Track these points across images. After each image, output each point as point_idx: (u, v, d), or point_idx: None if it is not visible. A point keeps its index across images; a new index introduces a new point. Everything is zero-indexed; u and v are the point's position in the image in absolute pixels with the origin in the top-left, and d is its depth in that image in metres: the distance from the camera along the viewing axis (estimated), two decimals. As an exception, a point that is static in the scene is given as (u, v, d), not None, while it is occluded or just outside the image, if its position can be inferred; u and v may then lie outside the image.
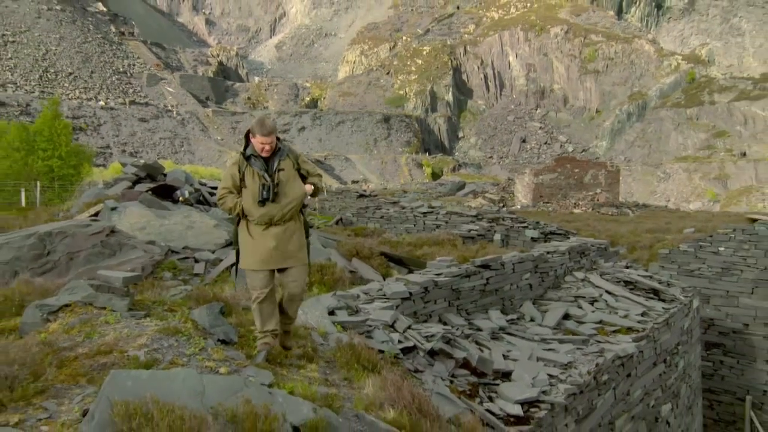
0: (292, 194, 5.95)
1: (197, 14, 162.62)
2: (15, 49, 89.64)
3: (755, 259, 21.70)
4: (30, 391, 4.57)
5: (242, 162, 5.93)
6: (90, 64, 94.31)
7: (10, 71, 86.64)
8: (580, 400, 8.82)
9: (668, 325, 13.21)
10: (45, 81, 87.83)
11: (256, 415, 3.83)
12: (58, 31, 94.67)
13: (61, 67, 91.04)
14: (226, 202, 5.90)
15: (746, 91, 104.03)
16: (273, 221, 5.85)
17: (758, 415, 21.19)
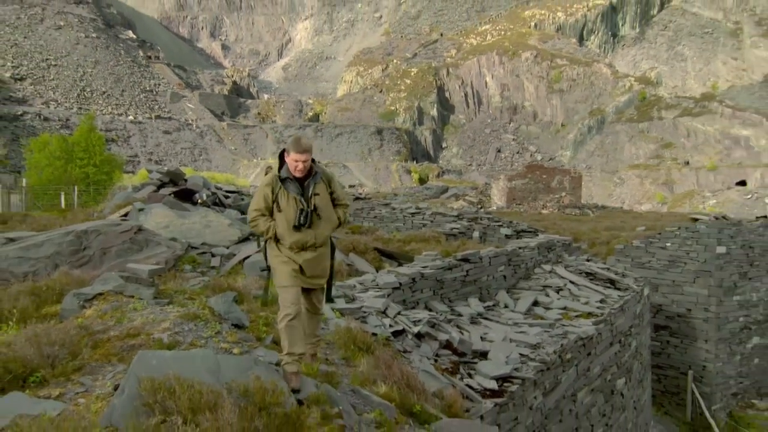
0: (327, 220, 5.19)
1: (214, 40, 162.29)
2: (57, 71, 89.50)
3: (696, 253, 21.79)
4: (69, 368, 4.61)
5: (276, 183, 5.10)
6: (121, 83, 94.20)
7: (52, 90, 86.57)
8: (547, 375, 8.81)
9: (623, 311, 13.23)
10: (82, 99, 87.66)
11: (265, 390, 3.82)
12: (93, 56, 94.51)
13: (96, 87, 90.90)
14: (259, 225, 5.12)
15: (689, 108, 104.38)
16: (306, 247, 5.07)
17: (698, 386, 21.32)
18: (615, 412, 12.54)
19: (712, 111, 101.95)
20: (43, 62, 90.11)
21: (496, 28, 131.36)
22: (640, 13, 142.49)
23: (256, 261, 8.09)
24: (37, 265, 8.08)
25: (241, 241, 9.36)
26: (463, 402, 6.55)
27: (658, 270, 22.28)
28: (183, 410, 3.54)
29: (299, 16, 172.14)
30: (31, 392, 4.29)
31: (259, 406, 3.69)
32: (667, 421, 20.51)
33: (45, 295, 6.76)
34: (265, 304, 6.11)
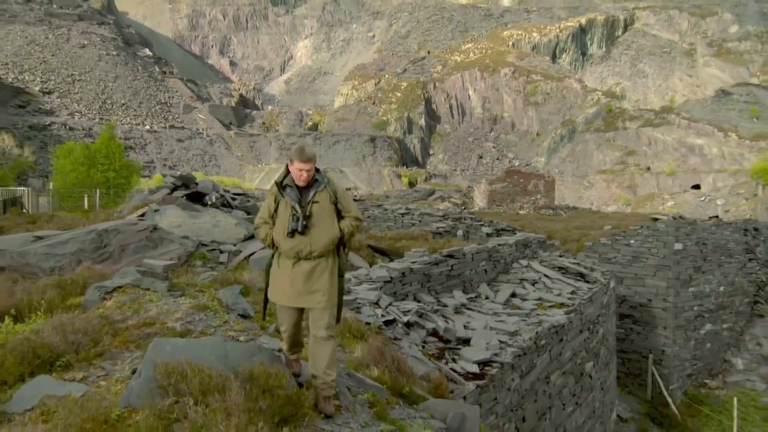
0: (324, 229, 4.59)
1: (223, 57, 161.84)
2: (81, 85, 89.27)
3: (657, 249, 21.92)
4: (91, 354, 4.63)
5: (278, 192, 4.67)
6: (138, 96, 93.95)
7: (76, 103, 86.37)
8: (524, 360, 8.83)
9: (591, 301, 13.27)
10: (103, 110, 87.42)
11: (268, 374, 3.82)
12: (114, 71, 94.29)
13: (116, 99, 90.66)
14: (260, 232, 4.76)
15: (649, 119, 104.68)
16: (301, 256, 4.52)
17: (657, 369, 21.48)
18: (584, 392, 12.59)
19: (670, 122, 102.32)
20: (69, 77, 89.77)
21: (477, 47, 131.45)
22: (606, 35, 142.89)
23: (260, 257, 8.09)
24: (63, 261, 8.06)
25: (247, 239, 9.34)
26: (448, 384, 6.55)
27: (622, 264, 22.41)
28: (194, 392, 3.54)
29: (300, 35, 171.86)
30: (57, 375, 4.30)
31: (263, 388, 3.69)
32: (630, 400, 20.61)
33: (70, 288, 6.75)
34: (263, 319, 5.49)
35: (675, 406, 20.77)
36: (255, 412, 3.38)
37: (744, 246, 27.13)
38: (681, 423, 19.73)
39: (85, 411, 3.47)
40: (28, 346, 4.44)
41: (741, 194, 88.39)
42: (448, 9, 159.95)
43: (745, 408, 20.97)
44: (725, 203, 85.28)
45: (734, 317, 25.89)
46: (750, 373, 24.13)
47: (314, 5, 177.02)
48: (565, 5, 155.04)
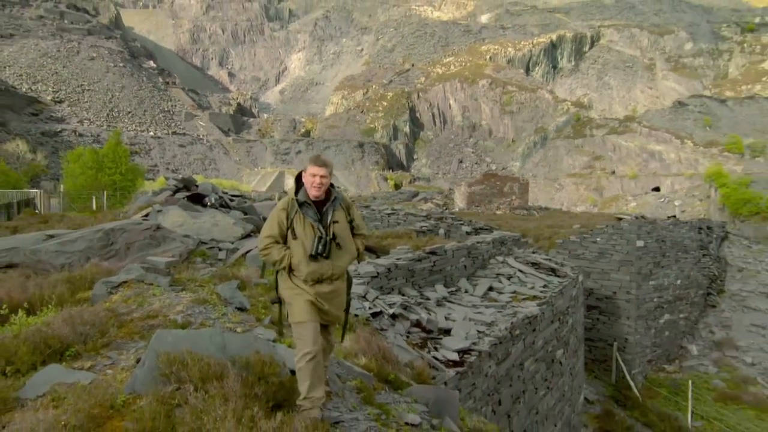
0: (346, 251, 4.05)
1: (222, 68, 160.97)
2: (90, 95, 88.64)
3: (621, 246, 22.08)
4: (98, 344, 4.62)
5: (292, 207, 3.95)
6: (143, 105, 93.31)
7: (86, 111, 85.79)
8: (500, 348, 8.84)
9: (562, 294, 13.32)
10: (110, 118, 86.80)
11: (263, 363, 3.80)
12: (120, 82, 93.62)
13: (122, 108, 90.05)
14: (272, 254, 3.93)
15: (614, 127, 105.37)
16: (322, 279, 3.93)
17: (621, 355, 21.65)
18: (555, 377, 12.63)
19: (633, 130, 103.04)
20: (79, 87, 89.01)
21: (458, 60, 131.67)
22: (575, 50, 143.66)
23: (256, 254, 8.05)
24: (72, 258, 7.99)
25: (244, 237, 9.30)
26: (430, 371, 6.56)
27: (590, 260, 22.54)
28: (194, 379, 3.52)
29: (293, 48, 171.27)
30: (67, 364, 4.28)
31: (258, 375, 3.67)
32: (597, 384, 20.73)
33: (79, 283, 6.70)
34: (281, 334, 4.86)
35: (636, 389, 20.93)
36: (251, 398, 3.37)
37: (698, 243, 27.42)
38: (642, 404, 19.87)
39: (92, 397, 3.46)
40: (39, 337, 4.43)
41: (696, 196, 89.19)
42: (430, 25, 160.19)
43: (699, 390, 21.18)
44: (682, 204, 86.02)
45: (690, 308, 26.16)
46: (703, 358, 24.39)
47: (307, 21, 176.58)
48: (537, 23, 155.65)
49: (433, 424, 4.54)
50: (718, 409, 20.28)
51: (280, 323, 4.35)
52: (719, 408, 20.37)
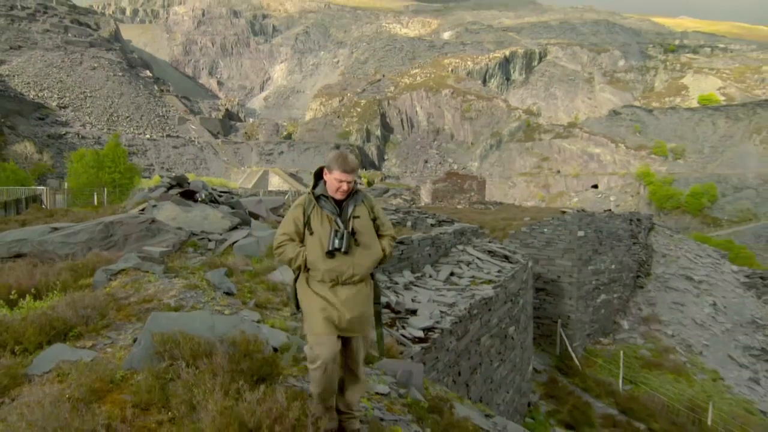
0: (368, 249, 3.28)
1: (212, 77, 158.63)
2: (91, 101, 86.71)
3: (564, 236, 22.37)
4: (99, 325, 4.56)
5: (309, 203, 3.28)
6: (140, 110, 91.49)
7: (88, 116, 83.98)
8: (460, 326, 8.90)
9: (514, 278, 13.46)
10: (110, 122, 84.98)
11: (248, 341, 3.77)
12: (120, 89, 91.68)
13: (121, 113, 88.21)
14: (286, 252, 3.26)
15: (559, 132, 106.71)
16: (341, 280, 3.20)
17: (564, 331, 21.97)
18: (507, 351, 12.78)
19: (575, 135, 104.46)
20: (81, 94, 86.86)
21: (423, 72, 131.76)
22: (525, 64, 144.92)
23: (243, 244, 7.95)
24: (75, 248, 7.82)
25: (231, 229, 9.18)
26: (398, 347, 6.57)
27: (538, 248, 22.78)
28: (186, 356, 3.49)
29: (277, 60, 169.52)
30: (70, 344, 4.22)
31: (244, 353, 3.64)
32: (543, 356, 21.03)
33: (81, 271, 6.57)
34: (297, 360, 4.11)
35: (577, 359, 21.29)
36: (237, 373, 3.34)
37: (630, 233, 27.93)
38: (581, 372, 20.23)
39: (94, 373, 3.42)
40: (45, 319, 4.36)
41: (628, 192, 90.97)
42: (399, 40, 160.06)
43: (629, 358, 21.68)
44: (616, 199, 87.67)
45: (622, 289, 26.65)
46: (633, 331, 24.90)
47: (288, 35, 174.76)
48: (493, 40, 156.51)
49: (400, 393, 4.56)
50: (644, 374, 20.80)
51: (304, 335, 3.54)
52: (645, 374, 20.89)
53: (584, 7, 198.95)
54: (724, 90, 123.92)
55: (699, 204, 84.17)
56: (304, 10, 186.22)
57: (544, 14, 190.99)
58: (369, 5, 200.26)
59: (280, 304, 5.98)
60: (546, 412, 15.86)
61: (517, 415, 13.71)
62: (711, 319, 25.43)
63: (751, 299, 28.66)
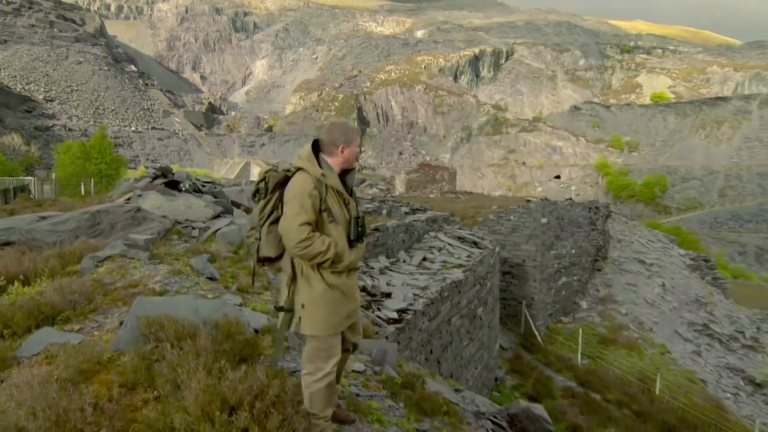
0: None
1: (195, 72, 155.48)
2: (78, 94, 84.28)
3: (529, 223, 22.61)
4: (86, 310, 4.47)
5: (321, 185, 2.67)
6: (126, 103, 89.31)
7: (74, 108, 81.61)
8: (432, 307, 8.96)
9: (482, 262, 13.58)
10: (97, 115, 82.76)
11: (231, 323, 3.75)
12: (105, 83, 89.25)
13: (107, 106, 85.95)
14: (315, 245, 2.59)
15: (525, 127, 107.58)
16: (353, 267, 2.79)
17: (529, 311, 22.27)
18: (476, 330, 12.93)
19: (539, 129, 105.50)
20: (68, 88, 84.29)
21: (398, 68, 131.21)
22: (493, 62, 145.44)
23: (226, 232, 7.83)
24: (63, 236, 7.64)
25: (214, 218, 9.04)
26: (373, 328, 6.60)
27: (505, 234, 22.99)
28: (170, 338, 3.45)
29: (258, 56, 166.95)
30: (58, 327, 4.13)
31: (226, 334, 3.61)
32: (509, 334, 21.31)
33: (68, 258, 6.42)
34: (274, 367, 3.20)
35: (540, 337, 21.65)
36: (220, 353, 3.32)
37: (589, 220, 28.39)
38: (544, 349, 20.59)
39: (81, 354, 3.36)
40: (33, 304, 4.27)
41: (587, 182, 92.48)
42: (374, 38, 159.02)
43: (587, 335, 22.13)
44: (577, 189, 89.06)
45: (581, 271, 27.12)
46: (591, 311, 25.39)
47: (269, 32, 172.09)
48: (463, 39, 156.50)
49: (375, 371, 4.59)
50: (600, 350, 21.27)
51: (281, 342, 2.93)
52: (601, 349, 21.37)
53: (548, 9, 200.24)
54: (674, 88, 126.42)
55: (651, 193, 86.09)
56: (284, 8, 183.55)
57: (510, 15, 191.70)
58: (346, 4, 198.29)
59: (261, 288, 5.95)
60: (511, 385, 16.12)
61: (484, 389, 13.91)
62: (660, 299, 26.08)
63: (695, 280, 29.49)
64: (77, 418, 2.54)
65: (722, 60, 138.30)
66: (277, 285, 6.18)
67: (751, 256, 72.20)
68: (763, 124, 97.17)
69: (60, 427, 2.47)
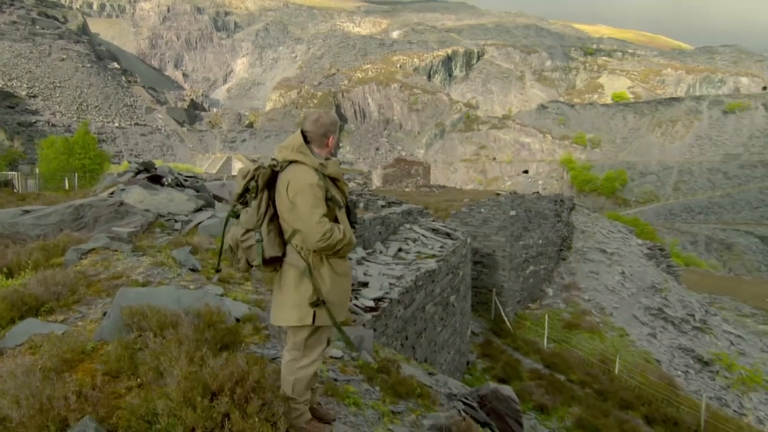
0: None
1: (177, 70, 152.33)
2: (61, 91, 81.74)
3: (499, 215, 22.80)
4: (70, 301, 4.36)
5: (322, 175, 2.62)
6: (109, 100, 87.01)
7: (57, 105, 79.19)
8: (407, 296, 9.01)
9: (455, 253, 13.67)
10: (80, 111, 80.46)
11: (212, 313, 3.71)
12: (88, 80, 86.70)
13: (90, 102, 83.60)
14: (335, 235, 2.55)
15: (495, 124, 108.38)
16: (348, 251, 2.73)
17: (498, 298, 22.48)
18: (449, 317, 13.04)
19: (509, 126, 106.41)
20: (51, 84, 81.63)
21: (374, 67, 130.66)
22: (465, 62, 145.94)
23: (207, 225, 7.72)
24: (47, 230, 7.42)
25: (196, 211, 8.90)
26: (351, 316, 6.60)
27: (476, 226, 23.10)
28: (153, 328, 3.39)
29: (238, 54, 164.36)
30: (42, 318, 4.03)
31: (208, 323, 3.57)
32: (480, 320, 21.51)
33: (52, 251, 6.24)
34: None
35: (509, 322, 21.92)
36: (201, 341, 3.28)
37: (554, 212, 28.78)
38: (513, 334, 20.87)
39: (65, 344, 3.28)
40: (17, 296, 4.15)
41: (553, 177, 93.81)
42: (352, 38, 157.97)
43: (553, 321, 22.51)
44: (544, 183, 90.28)
45: (547, 261, 27.49)
46: (556, 297, 25.79)
47: (250, 31, 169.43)
48: (436, 40, 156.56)
49: (352, 357, 4.60)
50: (565, 334, 21.67)
51: (341, 333, 2.75)
52: (566, 333, 21.76)
53: (516, 12, 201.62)
54: (633, 89, 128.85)
55: (612, 187, 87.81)
56: (264, 8, 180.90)
57: (481, 18, 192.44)
58: (324, 5, 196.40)
59: (242, 279, 5.89)
60: (482, 368, 16.32)
61: (457, 373, 14.06)
62: (620, 285, 26.65)
63: (651, 268, 30.21)
64: (61, 405, 2.49)
65: (676, 63, 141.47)
66: (258, 276, 6.11)
67: (701, 245, 74.39)
68: (711, 123, 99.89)
69: (44, 415, 2.42)
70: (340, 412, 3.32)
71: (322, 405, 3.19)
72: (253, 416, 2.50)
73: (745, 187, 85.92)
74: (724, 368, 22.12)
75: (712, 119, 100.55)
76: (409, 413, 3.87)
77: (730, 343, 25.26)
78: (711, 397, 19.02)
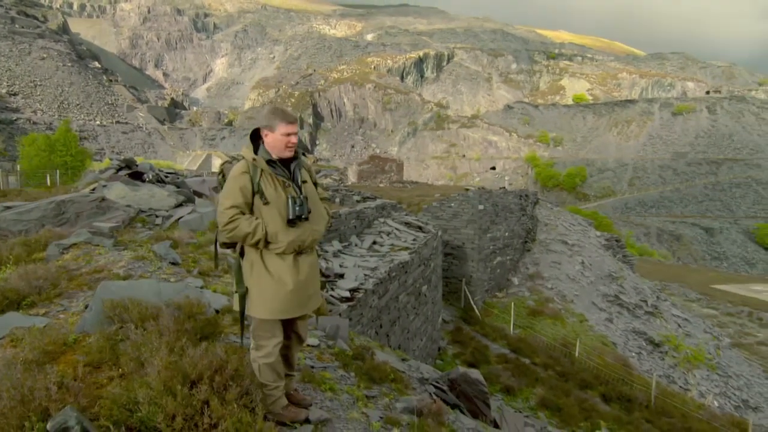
0: (320, 214, 2.76)
1: (158, 69, 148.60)
2: (42, 89, 78.85)
3: (468, 209, 22.98)
4: (51, 294, 4.26)
5: (255, 169, 2.58)
6: (90, 98, 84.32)
7: (38, 103, 76.41)
8: (381, 286, 9.03)
9: (426, 245, 13.74)
10: (61, 109, 77.78)
11: (192, 304, 3.66)
12: (69, 79, 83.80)
13: (71, 101, 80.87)
14: (240, 227, 2.51)
15: (464, 123, 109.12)
16: (303, 247, 2.63)
17: (468, 287, 22.68)
18: (421, 306, 13.12)
19: (477, 125, 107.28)
20: (32, 83, 78.55)
21: (350, 68, 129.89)
22: (436, 64, 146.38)
23: (188, 220, 7.60)
24: (29, 225, 7.17)
25: (177, 206, 8.74)
26: (327, 306, 6.60)
27: (446, 220, 23.22)
28: (134, 319, 3.34)
29: (218, 54, 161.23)
30: (23, 312, 3.92)
31: (188, 315, 3.52)
32: (451, 309, 21.68)
33: (34, 246, 6.05)
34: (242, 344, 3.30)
35: (478, 310, 22.17)
36: (182, 332, 3.23)
37: (520, 206, 29.15)
38: (481, 321, 21.12)
39: (47, 337, 3.19)
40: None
41: (519, 173, 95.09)
42: (328, 40, 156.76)
43: (518, 308, 22.84)
44: (510, 179, 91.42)
45: (513, 252, 27.84)
46: (521, 286, 26.16)
47: (229, 32, 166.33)
48: (409, 42, 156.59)
49: (328, 345, 4.60)
50: (529, 320, 22.03)
51: (242, 320, 2.76)
52: (530, 320, 22.13)
53: (484, 17, 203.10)
54: (592, 91, 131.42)
55: (573, 183, 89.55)
56: (243, 10, 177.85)
57: (451, 22, 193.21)
58: (301, 8, 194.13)
59: (222, 271, 5.82)
60: (452, 354, 16.49)
61: (429, 358, 14.18)
62: (580, 275, 27.22)
63: (609, 257, 30.95)
64: (42, 396, 2.43)
65: (630, 68, 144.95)
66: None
67: (653, 236, 76.64)
68: (662, 124, 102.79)
69: (25, 406, 2.36)
70: (316, 398, 3.33)
71: (299, 391, 3.18)
72: (231, 403, 2.49)
73: (692, 183, 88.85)
74: (672, 349, 22.88)
75: (663, 120, 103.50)
76: (383, 397, 3.90)
77: (677, 325, 26.12)
78: (660, 375, 19.66)
